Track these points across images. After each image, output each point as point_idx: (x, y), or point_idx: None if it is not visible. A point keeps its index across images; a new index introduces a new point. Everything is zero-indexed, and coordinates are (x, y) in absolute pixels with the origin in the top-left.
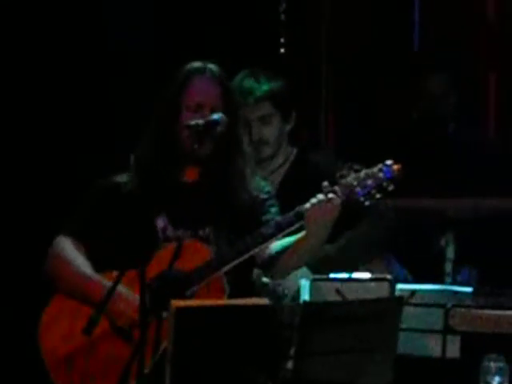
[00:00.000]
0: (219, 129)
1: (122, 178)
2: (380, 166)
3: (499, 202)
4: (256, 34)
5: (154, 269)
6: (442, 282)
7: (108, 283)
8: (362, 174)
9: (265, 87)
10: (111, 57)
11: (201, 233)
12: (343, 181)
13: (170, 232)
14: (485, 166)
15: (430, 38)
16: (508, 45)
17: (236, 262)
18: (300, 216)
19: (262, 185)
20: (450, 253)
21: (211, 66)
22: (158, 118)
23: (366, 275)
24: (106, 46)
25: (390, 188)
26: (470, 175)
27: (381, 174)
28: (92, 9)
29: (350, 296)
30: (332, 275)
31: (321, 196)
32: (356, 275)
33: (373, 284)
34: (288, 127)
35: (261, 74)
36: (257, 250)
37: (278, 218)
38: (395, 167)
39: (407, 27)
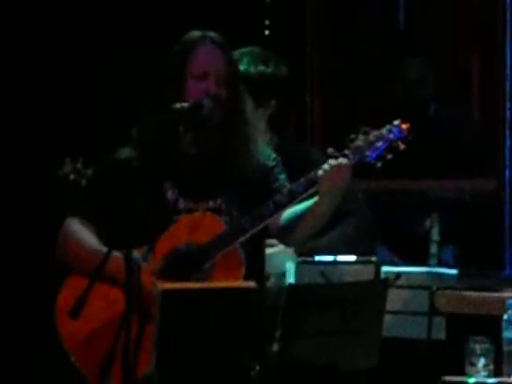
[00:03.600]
0: (204, 112)
1: (125, 152)
2: (388, 126)
3: (482, 184)
4: (240, 17)
5: (165, 244)
6: (426, 263)
7: (120, 255)
8: (372, 136)
9: (241, 66)
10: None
11: (211, 204)
12: (353, 144)
13: (181, 204)
14: (468, 147)
15: (415, 18)
16: (492, 26)
17: (251, 232)
18: (313, 183)
19: (268, 152)
20: (435, 234)
21: (212, 35)
22: (162, 89)
23: (351, 258)
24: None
25: (401, 147)
26: (452, 156)
27: (391, 135)
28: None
29: (335, 279)
30: (317, 258)
31: (332, 161)
32: (341, 258)
33: (358, 266)
34: (265, 113)
35: (249, 52)
36: (271, 219)
37: (291, 186)
38: (404, 126)
39: (392, 8)
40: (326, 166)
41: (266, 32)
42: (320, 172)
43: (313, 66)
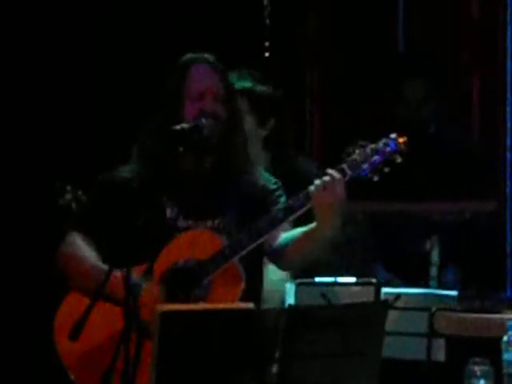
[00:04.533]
0: (204, 133)
1: (125, 170)
2: (385, 140)
3: (483, 205)
4: (241, 38)
5: (164, 261)
6: (427, 285)
7: (119, 275)
8: (368, 149)
9: (246, 84)
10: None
11: (210, 223)
12: (350, 158)
13: (180, 222)
14: (468, 168)
15: (415, 38)
16: (492, 46)
17: (250, 247)
18: (310, 198)
19: (268, 176)
20: (435, 256)
21: (207, 56)
22: (161, 110)
23: (351, 279)
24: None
25: (398, 161)
26: (453, 178)
27: (387, 148)
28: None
29: (335, 300)
30: (317, 279)
31: (326, 177)
32: (341, 279)
33: (358, 288)
34: (263, 133)
35: (249, 73)
36: (269, 234)
37: (288, 201)
38: (400, 140)
39: (392, 28)
40: (317, 182)
41: (266, 54)
42: (312, 188)
43: (312, 81)
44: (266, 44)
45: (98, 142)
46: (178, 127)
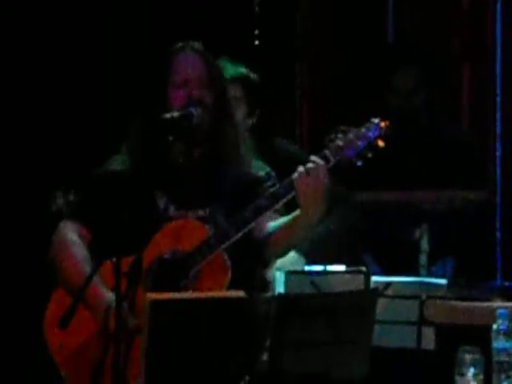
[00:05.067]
0: (194, 121)
1: (115, 161)
2: (367, 124)
3: (473, 194)
4: (230, 27)
5: (151, 252)
6: (416, 274)
7: (106, 293)
8: (351, 135)
9: (240, 70)
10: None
11: (201, 213)
12: (332, 144)
13: (171, 212)
14: (458, 157)
15: (405, 29)
16: (482, 35)
17: (236, 236)
18: (293, 184)
19: (261, 165)
20: (425, 245)
21: (193, 44)
22: (145, 100)
23: (341, 268)
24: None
25: (381, 145)
26: (443, 167)
27: (370, 133)
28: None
29: (325, 288)
30: (307, 268)
31: (309, 164)
32: (331, 268)
33: (348, 276)
34: (249, 122)
35: (239, 63)
36: (254, 223)
37: (273, 189)
38: (382, 124)
39: (381, 18)
40: (301, 169)
41: (256, 42)
42: (295, 175)
43: (302, 74)
44: (256, 32)
45: (93, 145)
46: (167, 116)
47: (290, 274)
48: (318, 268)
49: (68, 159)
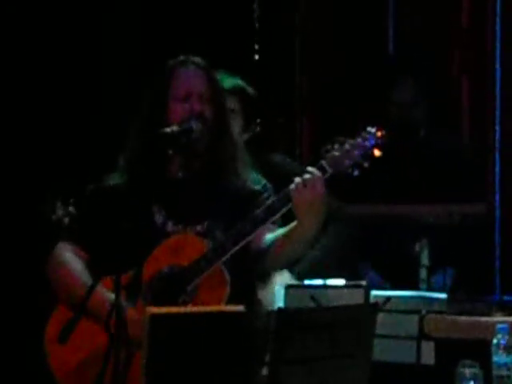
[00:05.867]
0: (193, 136)
1: (113, 178)
2: (364, 133)
3: (472, 208)
4: (230, 41)
5: (151, 267)
6: (416, 288)
7: (109, 295)
8: (347, 145)
9: (237, 82)
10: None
11: (200, 228)
12: (329, 155)
13: (169, 227)
14: (458, 170)
15: (405, 42)
16: (482, 49)
17: (233, 250)
18: (290, 196)
19: (258, 178)
20: (425, 259)
21: (194, 58)
22: (145, 113)
23: (341, 282)
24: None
25: (377, 154)
26: (442, 180)
27: (366, 142)
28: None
29: (325, 303)
30: (306, 282)
31: (306, 175)
32: (331, 282)
33: (347, 290)
34: (245, 136)
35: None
36: (252, 236)
37: (269, 201)
38: (379, 133)
39: (382, 32)
40: (297, 180)
41: (256, 56)
42: (292, 186)
43: (302, 89)
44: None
45: (88, 153)
46: (167, 130)
47: (289, 288)
48: (318, 282)
49: (67, 165)
